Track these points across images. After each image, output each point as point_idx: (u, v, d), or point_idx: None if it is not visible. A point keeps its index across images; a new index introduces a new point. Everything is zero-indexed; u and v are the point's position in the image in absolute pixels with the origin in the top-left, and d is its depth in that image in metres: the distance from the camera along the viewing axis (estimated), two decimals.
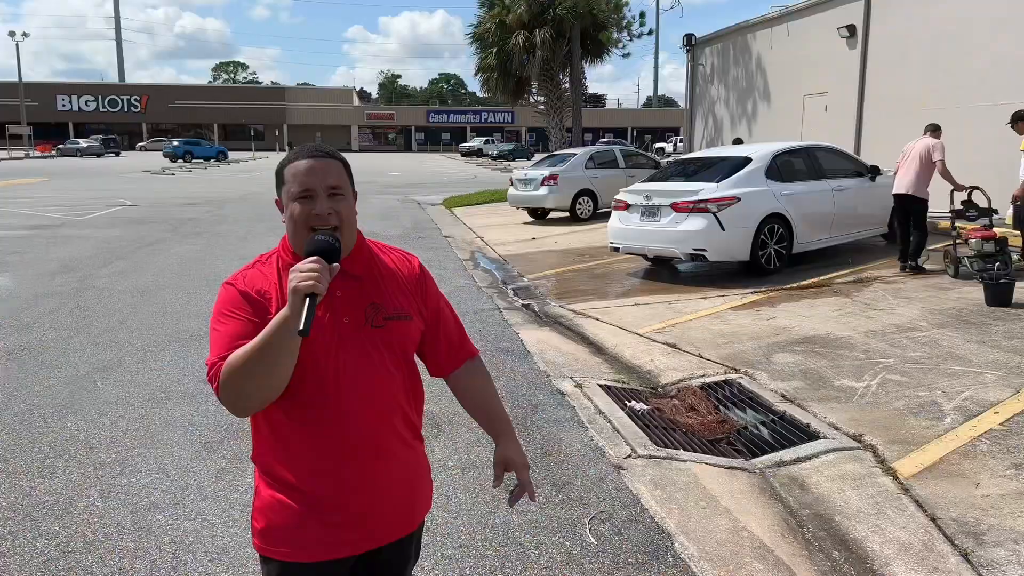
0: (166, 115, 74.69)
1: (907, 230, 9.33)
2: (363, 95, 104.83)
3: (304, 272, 1.47)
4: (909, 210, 9.25)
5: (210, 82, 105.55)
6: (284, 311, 1.48)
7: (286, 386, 1.59)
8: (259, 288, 1.68)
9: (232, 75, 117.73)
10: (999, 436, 4.20)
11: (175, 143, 53.41)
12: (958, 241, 8.88)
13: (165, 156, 51.69)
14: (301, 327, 1.44)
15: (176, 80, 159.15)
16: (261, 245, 12.09)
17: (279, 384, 1.57)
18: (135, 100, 74.52)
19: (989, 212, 8.55)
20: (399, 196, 23.09)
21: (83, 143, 58.76)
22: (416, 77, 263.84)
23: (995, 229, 8.12)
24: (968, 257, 8.29)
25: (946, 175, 9.08)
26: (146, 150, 67.19)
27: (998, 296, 6.94)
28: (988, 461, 3.90)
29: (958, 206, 9.04)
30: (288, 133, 74.27)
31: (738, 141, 18.23)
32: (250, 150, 65.68)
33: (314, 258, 1.52)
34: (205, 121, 74.81)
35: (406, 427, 1.80)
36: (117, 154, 61.41)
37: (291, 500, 1.70)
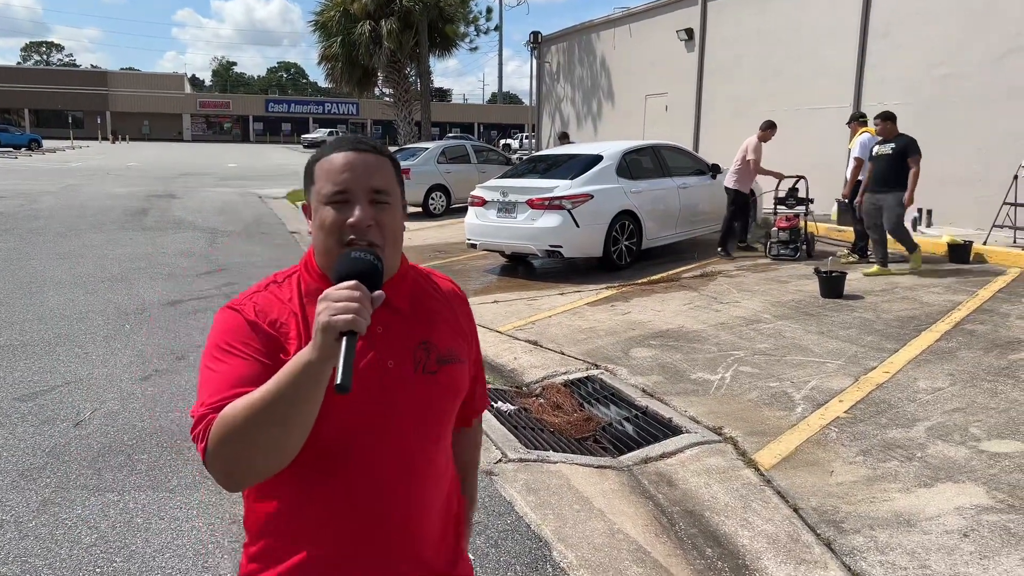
0: None
1: (732, 218, 10.47)
2: (195, 82, 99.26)
3: (339, 302, 1.08)
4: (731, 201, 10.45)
5: (19, 63, 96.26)
6: (307, 351, 1.09)
7: (300, 449, 1.18)
8: (273, 318, 1.29)
9: (45, 56, 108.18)
10: (845, 424, 4.43)
11: None
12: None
13: None
14: (339, 380, 1.04)
15: None
16: (83, 242, 11.03)
17: (293, 449, 1.16)
18: None
19: (806, 201, 10.10)
20: (238, 189, 21.84)
21: None
22: (253, 65, 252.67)
23: (801, 219, 9.82)
24: (772, 242, 9.82)
25: (758, 171, 10.29)
26: None
27: (832, 288, 7.42)
28: (838, 449, 4.10)
29: (781, 195, 10.33)
30: (112, 121, 68.87)
31: (564, 136, 17.81)
32: (68, 138, 60.40)
33: (352, 283, 1.12)
34: (14, 106, 67.75)
35: (452, 492, 1.48)
36: None
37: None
